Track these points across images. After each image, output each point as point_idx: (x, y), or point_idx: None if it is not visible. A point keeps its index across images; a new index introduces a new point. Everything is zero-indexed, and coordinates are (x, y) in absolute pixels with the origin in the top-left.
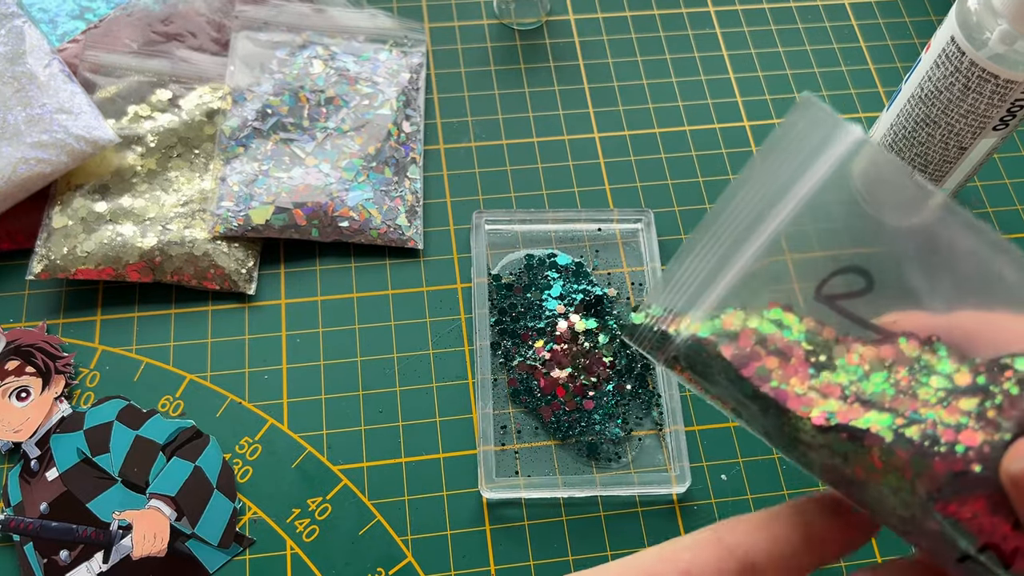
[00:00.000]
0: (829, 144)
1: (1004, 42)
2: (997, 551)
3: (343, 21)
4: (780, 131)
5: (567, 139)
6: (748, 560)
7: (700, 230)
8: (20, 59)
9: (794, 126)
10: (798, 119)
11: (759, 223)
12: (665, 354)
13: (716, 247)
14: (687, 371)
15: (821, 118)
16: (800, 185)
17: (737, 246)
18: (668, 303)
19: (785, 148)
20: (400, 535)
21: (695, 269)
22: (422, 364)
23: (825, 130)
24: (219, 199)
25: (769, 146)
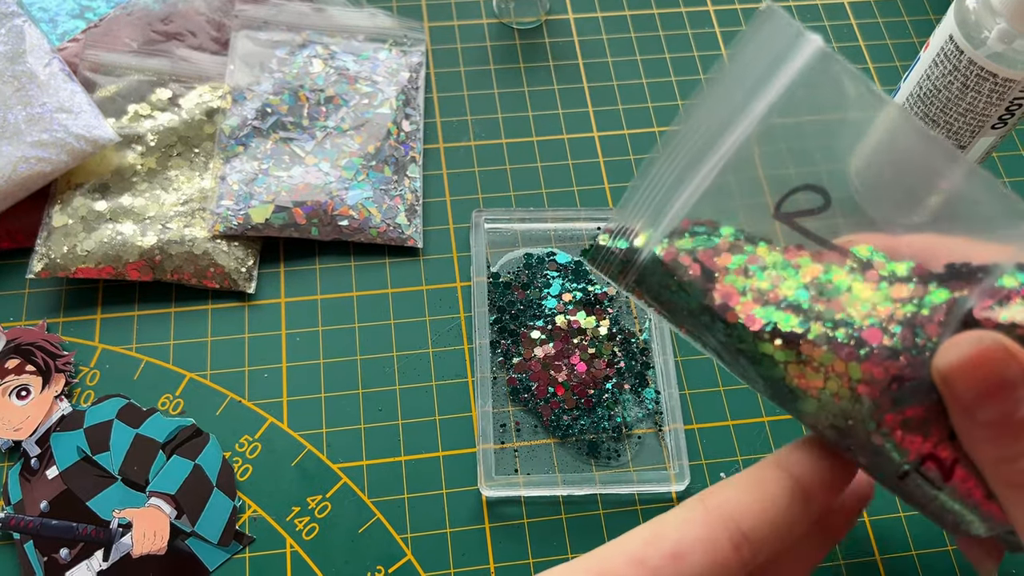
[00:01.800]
0: (788, 57)
1: (1003, 41)
2: (936, 464)
3: (343, 20)
4: (739, 44)
5: (566, 138)
6: (739, 530)
7: (659, 151)
8: (20, 58)
9: (753, 38)
10: (758, 30)
11: (714, 142)
12: (626, 278)
13: (672, 168)
14: (646, 294)
15: (781, 28)
16: (757, 102)
17: (692, 167)
18: (627, 224)
19: (743, 62)
20: (400, 533)
21: (653, 190)
22: (422, 362)
23: (784, 41)
24: (219, 198)
25: (728, 60)
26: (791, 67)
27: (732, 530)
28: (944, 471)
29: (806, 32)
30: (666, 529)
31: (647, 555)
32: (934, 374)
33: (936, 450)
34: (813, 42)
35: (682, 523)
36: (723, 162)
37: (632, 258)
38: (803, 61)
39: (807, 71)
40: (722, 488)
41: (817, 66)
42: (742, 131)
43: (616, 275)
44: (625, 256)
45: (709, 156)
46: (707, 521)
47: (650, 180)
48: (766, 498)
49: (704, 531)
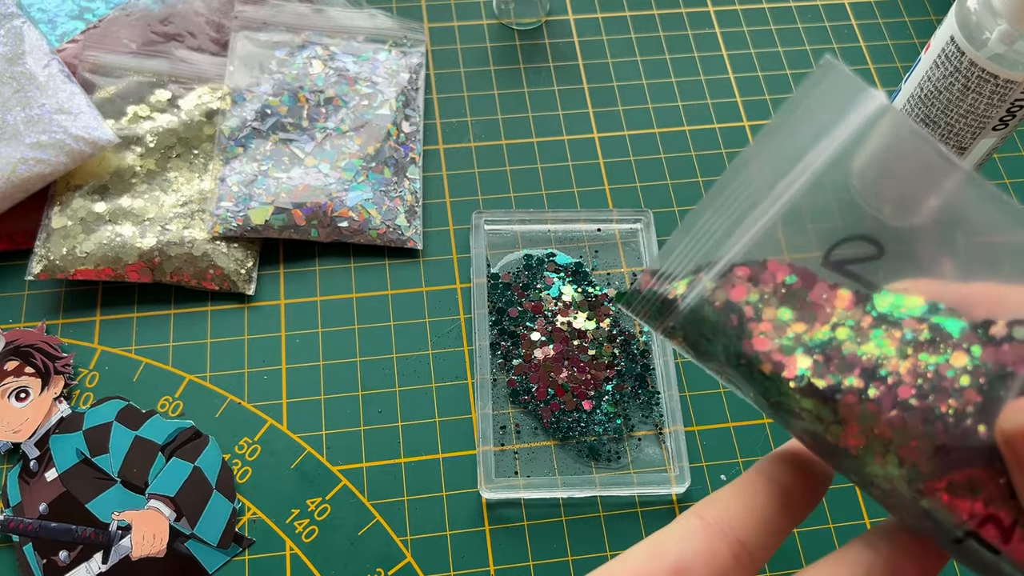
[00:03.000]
0: (848, 111)
1: (1004, 42)
2: (995, 526)
3: (342, 21)
4: (797, 96)
5: (566, 139)
6: (738, 540)
7: (707, 200)
8: (19, 59)
9: (812, 91)
10: (818, 83)
11: (770, 192)
12: (663, 322)
13: (723, 217)
14: (684, 340)
15: (842, 83)
16: (815, 154)
17: (744, 217)
18: (670, 268)
19: (802, 114)
20: (399, 535)
21: (701, 237)
22: (421, 364)
23: (846, 96)
24: (218, 199)
25: (785, 112)
26: (852, 121)
27: (731, 540)
28: (1003, 533)
29: (869, 88)
30: (667, 545)
31: (651, 571)
32: (997, 436)
33: (992, 511)
34: (876, 98)
35: (681, 538)
36: (778, 213)
37: (673, 303)
38: (864, 116)
39: (868, 125)
40: (716, 500)
41: (877, 120)
42: (798, 184)
43: (654, 319)
44: (665, 301)
45: (762, 206)
46: (706, 534)
47: (698, 227)
48: (759, 507)
49: (704, 544)
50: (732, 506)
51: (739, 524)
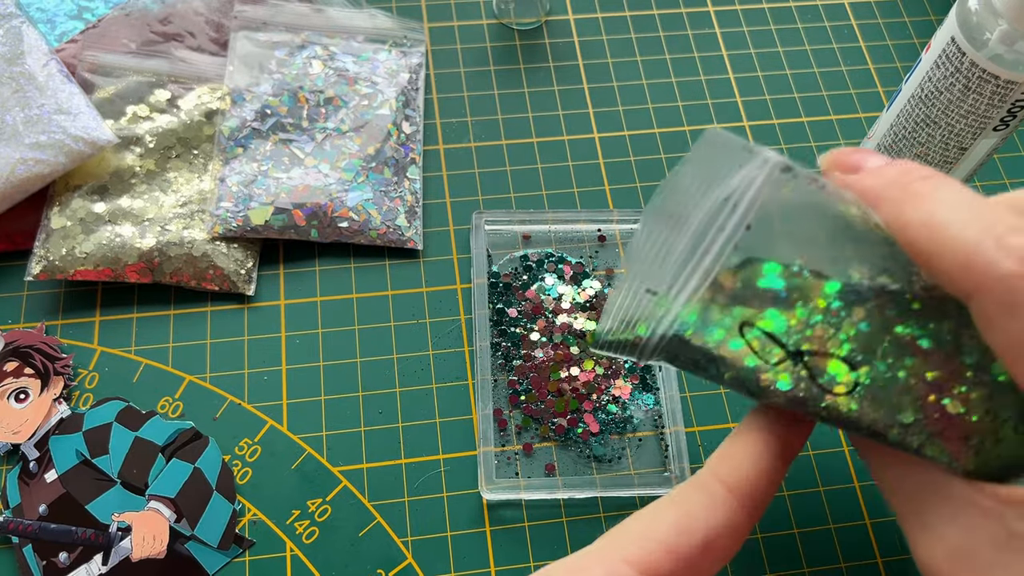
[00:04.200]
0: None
1: (1004, 42)
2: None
3: (342, 21)
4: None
5: (567, 139)
6: (752, 502)
7: (648, 228)
8: (18, 59)
9: (704, 151)
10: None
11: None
12: (647, 358)
13: (679, 239)
14: (667, 361)
15: (730, 147)
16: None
17: (702, 237)
18: (637, 310)
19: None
20: (400, 536)
21: (657, 264)
22: (422, 365)
23: (736, 157)
24: (218, 200)
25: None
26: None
27: (748, 507)
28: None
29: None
30: (695, 517)
31: (681, 546)
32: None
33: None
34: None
35: (709, 509)
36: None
37: (648, 343)
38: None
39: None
40: (729, 459)
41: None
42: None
43: (637, 356)
44: (640, 342)
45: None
46: (728, 505)
47: (653, 254)
48: (766, 463)
49: (727, 516)
50: (746, 466)
51: (752, 486)
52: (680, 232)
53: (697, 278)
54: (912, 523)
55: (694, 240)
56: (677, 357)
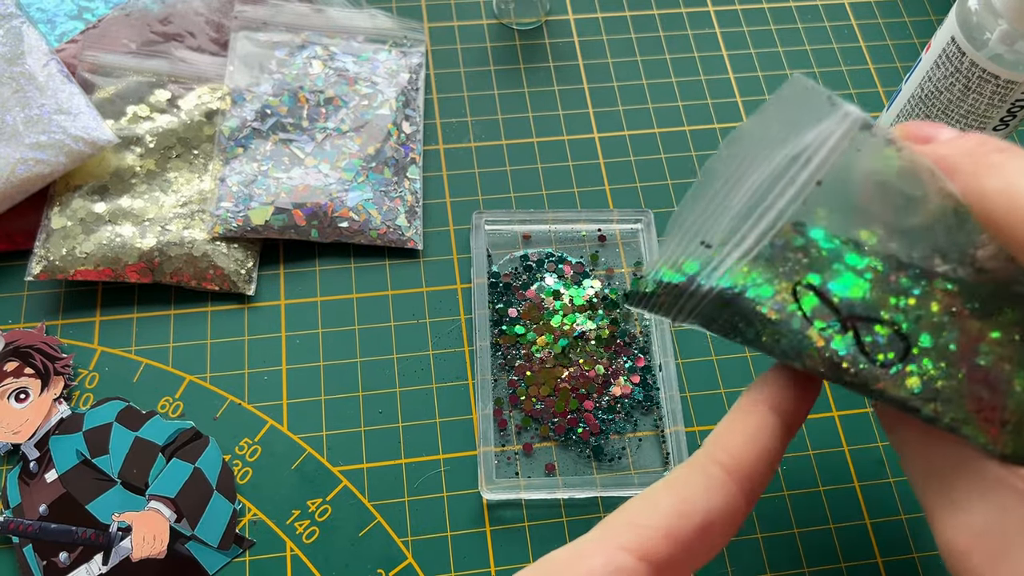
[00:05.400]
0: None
1: (1004, 42)
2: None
3: (342, 21)
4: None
5: (567, 139)
6: (751, 485)
7: (715, 165)
8: (18, 60)
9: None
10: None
11: (789, 168)
12: (682, 311)
13: (740, 183)
14: (701, 323)
15: (812, 96)
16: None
17: (768, 186)
18: (683, 254)
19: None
20: (400, 536)
21: (713, 211)
22: (422, 365)
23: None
24: (218, 200)
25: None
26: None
27: (747, 489)
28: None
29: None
30: (694, 502)
31: (680, 529)
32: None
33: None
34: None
35: (707, 491)
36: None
37: (692, 297)
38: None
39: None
40: (728, 438)
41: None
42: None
43: (674, 314)
44: (682, 289)
45: (795, 173)
46: (726, 487)
47: (710, 199)
48: (766, 442)
49: (726, 499)
50: (745, 446)
51: (752, 466)
52: (743, 183)
53: (758, 232)
54: (938, 500)
55: (758, 192)
56: (715, 318)
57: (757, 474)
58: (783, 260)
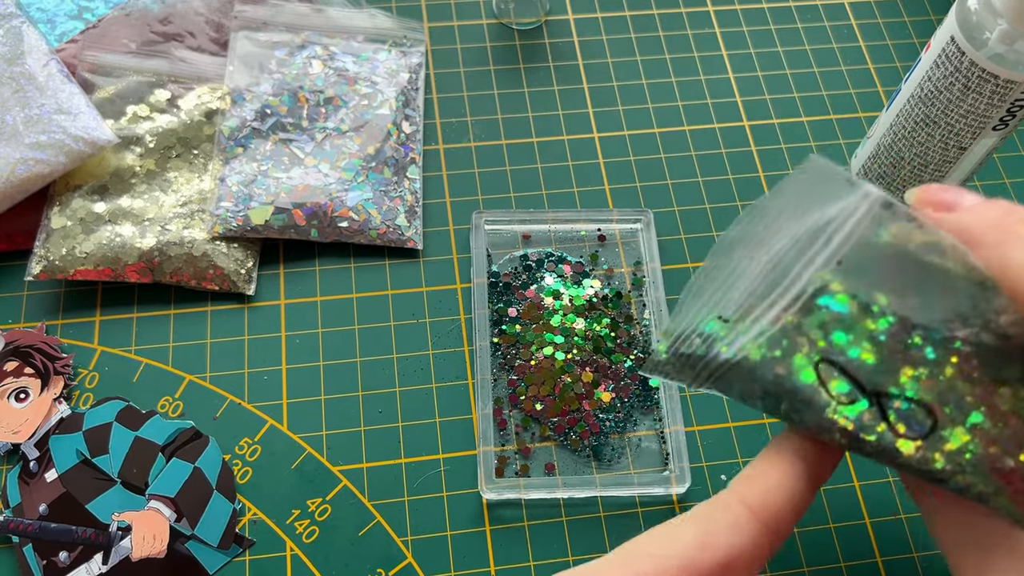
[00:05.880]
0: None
1: (1004, 42)
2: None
3: (342, 21)
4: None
5: (566, 139)
6: (777, 529)
7: (734, 238)
8: (18, 59)
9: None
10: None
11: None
12: (697, 379)
13: (760, 257)
14: (718, 388)
15: (830, 176)
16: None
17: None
18: (697, 336)
19: (800, 195)
20: (400, 536)
21: (734, 283)
22: (422, 365)
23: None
24: (218, 199)
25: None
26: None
27: (771, 532)
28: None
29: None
30: (717, 536)
31: (700, 562)
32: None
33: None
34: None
35: (731, 528)
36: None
37: (708, 368)
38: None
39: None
40: (756, 481)
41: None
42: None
43: (690, 382)
44: (698, 359)
45: (819, 241)
46: (752, 528)
47: (728, 273)
48: (794, 489)
49: (751, 539)
50: (772, 491)
51: (778, 511)
52: (761, 257)
53: (778, 308)
54: (972, 571)
55: (778, 267)
56: (732, 387)
57: (783, 519)
58: (802, 334)
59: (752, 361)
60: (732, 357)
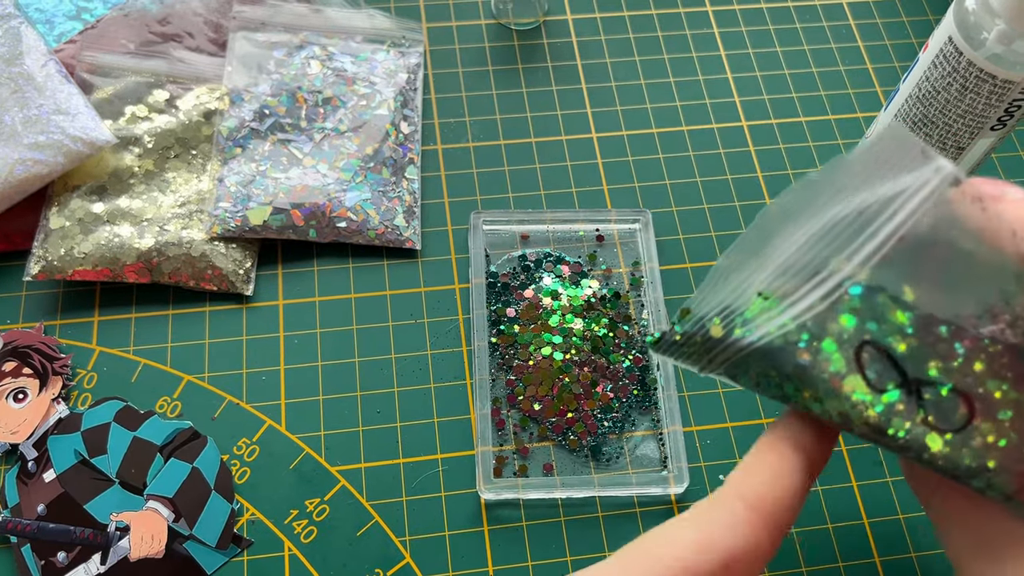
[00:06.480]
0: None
1: (1002, 42)
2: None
3: (341, 21)
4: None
5: (565, 139)
6: (776, 523)
7: (767, 219)
8: (17, 60)
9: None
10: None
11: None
12: (713, 362)
13: (798, 239)
14: (729, 374)
15: (904, 145)
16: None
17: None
18: (726, 303)
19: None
20: (398, 536)
21: (763, 265)
22: (420, 365)
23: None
24: (216, 200)
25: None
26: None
27: (771, 527)
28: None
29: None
30: (716, 536)
31: (699, 564)
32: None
33: None
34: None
35: (730, 528)
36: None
37: (731, 348)
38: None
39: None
40: (752, 475)
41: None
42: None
43: (702, 365)
44: (718, 340)
45: (876, 223)
46: (750, 524)
47: (764, 252)
48: (790, 479)
49: (750, 536)
50: (769, 483)
51: (776, 504)
52: (809, 232)
53: (828, 286)
54: (983, 569)
55: (830, 241)
56: (747, 371)
57: (781, 513)
58: (833, 320)
59: (775, 346)
60: (755, 340)
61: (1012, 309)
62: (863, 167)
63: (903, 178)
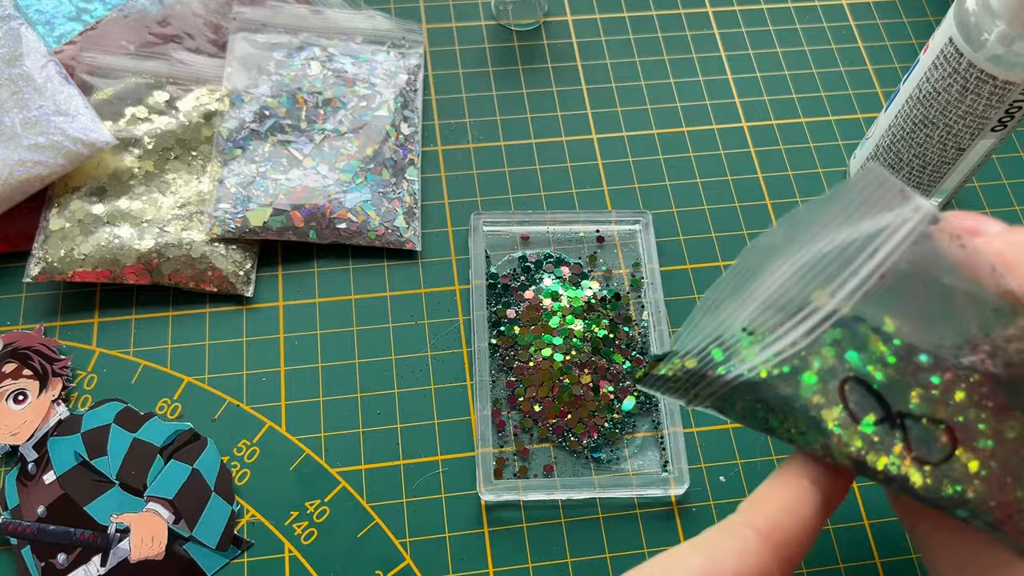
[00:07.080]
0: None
1: (1002, 43)
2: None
3: (341, 22)
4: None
5: (565, 140)
6: (787, 555)
7: (748, 258)
8: (17, 61)
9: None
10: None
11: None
12: (699, 396)
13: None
14: (716, 407)
15: (886, 187)
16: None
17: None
18: (717, 338)
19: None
20: (398, 537)
21: (747, 301)
22: (420, 366)
23: (888, 201)
24: (217, 201)
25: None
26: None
27: (782, 559)
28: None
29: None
30: (724, 563)
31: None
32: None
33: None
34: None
35: (739, 555)
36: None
37: (717, 384)
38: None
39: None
40: (764, 505)
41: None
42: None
43: (689, 399)
44: (703, 375)
45: (857, 262)
46: (760, 553)
47: (746, 291)
48: (804, 513)
49: (760, 566)
50: (782, 515)
51: (787, 535)
52: (794, 269)
53: (811, 322)
54: None
55: (814, 280)
56: (733, 405)
57: (792, 544)
58: (813, 353)
59: (760, 380)
60: (740, 375)
61: (992, 340)
62: (844, 206)
63: (884, 216)
